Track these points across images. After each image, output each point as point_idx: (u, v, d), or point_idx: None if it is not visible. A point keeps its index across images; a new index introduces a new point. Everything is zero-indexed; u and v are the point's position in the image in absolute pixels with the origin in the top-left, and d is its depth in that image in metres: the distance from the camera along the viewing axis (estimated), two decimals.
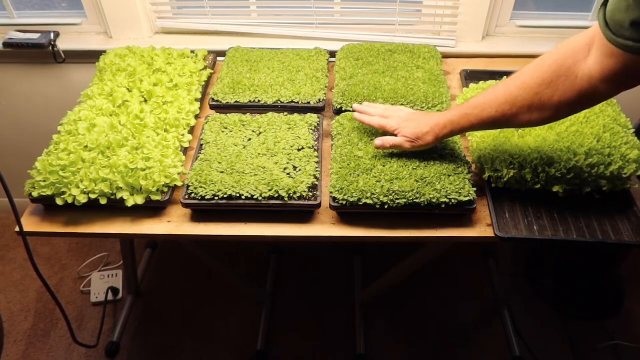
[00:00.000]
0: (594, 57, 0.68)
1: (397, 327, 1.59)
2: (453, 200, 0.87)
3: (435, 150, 0.96)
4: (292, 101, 1.11)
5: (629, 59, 0.62)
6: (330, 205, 0.89)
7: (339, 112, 1.11)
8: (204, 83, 1.21)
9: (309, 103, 1.11)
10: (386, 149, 0.95)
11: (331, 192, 0.90)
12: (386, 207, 0.87)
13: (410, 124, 0.91)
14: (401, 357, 1.51)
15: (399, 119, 0.94)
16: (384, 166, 0.93)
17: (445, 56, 1.34)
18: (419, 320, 1.60)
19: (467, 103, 0.84)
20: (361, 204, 0.87)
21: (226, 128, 1.05)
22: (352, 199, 0.87)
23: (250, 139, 1.02)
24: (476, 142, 1.00)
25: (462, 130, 0.86)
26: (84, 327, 1.60)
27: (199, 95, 1.15)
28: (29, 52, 1.38)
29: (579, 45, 0.70)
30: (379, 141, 0.93)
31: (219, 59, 1.34)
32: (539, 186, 0.90)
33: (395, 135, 0.92)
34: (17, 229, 0.88)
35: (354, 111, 1.02)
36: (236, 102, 1.12)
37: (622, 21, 0.60)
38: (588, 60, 0.69)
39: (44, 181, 0.89)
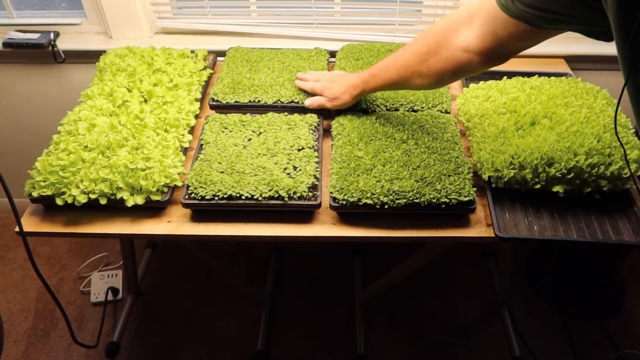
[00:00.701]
0: (475, 31, 0.76)
1: (397, 327, 1.59)
2: (453, 200, 0.87)
3: (436, 150, 0.96)
4: (292, 101, 1.11)
5: (519, 29, 0.70)
6: (330, 205, 0.89)
7: (339, 112, 1.11)
8: (203, 83, 1.21)
9: None
10: (314, 107, 1.07)
11: (331, 192, 0.90)
12: (386, 207, 0.87)
13: (332, 85, 1.04)
14: (401, 357, 1.51)
15: (326, 81, 1.06)
16: (384, 166, 0.93)
17: None
18: (419, 320, 1.60)
19: (377, 64, 0.95)
20: (361, 204, 0.87)
21: (226, 128, 1.05)
22: (352, 199, 0.87)
23: (250, 139, 1.02)
24: (476, 142, 1.00)
25: (373, 89, 0.98)
26: (84, 327, 1.60)
27: (199, 95, 1.15)
28: (28, 52, 1.38)
29: (460, 20, 0.79)
30: (308, 101, 1.07)
31: (219, 59, 1.34)
32: (539, 186, 0.90)
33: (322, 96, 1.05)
34: (17, 229, 0.88)
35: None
36: (236, 102, 1.12)
37: None
38: (468, 33, 0.77)
39: (44, 181, 0.89)
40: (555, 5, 0.62)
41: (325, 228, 0.90)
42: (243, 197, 0.89)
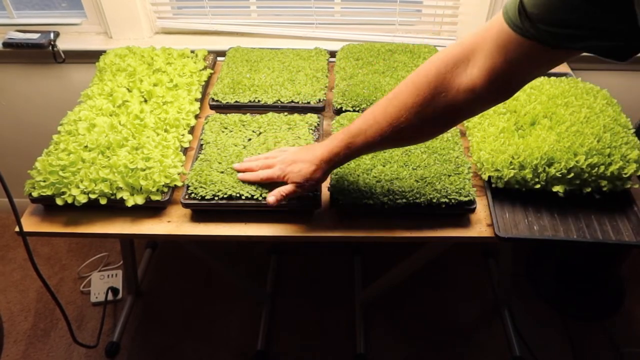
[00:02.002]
0: (479, 67, 0.63)
1: (397, 327, 1.59)
2: (453, 200, 0.87)
3: (435, 150, 0.96)
4: (292, 101, 1.11)
5: (532, 49, 0.58)
6: (330, 205, 0.89)
7: (339, 112, 1.11)
8: (203, 83, 1.21)
9: (308, 103, 1.11)
10: (282, 201, 0.86)
11: (331, 192, 0.90)
12: (386, 207, 0.87)
13: (295, 167, 0.84)
14: (401, 357, 1.51)
15: (283, 164, 0.86)
16: (384, 166, 0.93)
17: None
18: (419, 320, 1.60)
19: (348, 130, 0.77)
20: (361, 204, 0.87)
21: (226, 128, 1.05)
22: (352, 199, 0.87)
23: (250, 139, 1.02)
24: (476, 142, 1.00)
25: (348, 159, 0.80)
26: (84, 327, 1.60)
27: (199, 95, 1.15)
28: (28, 52, 1.38)
29: (458, 57, 0.65)
30: (271, 198, 0.84)
31: (219, 58, 1.34)
32: (539, 186, 0.90)
33: (286, 183, 0.85)
34: (17, 229, 0.88)
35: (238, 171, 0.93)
36: (236, 102, 1.12)
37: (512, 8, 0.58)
38: (469, 71, 0.64)
39: (44, 181, 0.89)
40: (571, 15, 0.53)
41: (325, 228, 0.90)
42: (243, 197, 0.89)
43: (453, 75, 0.66)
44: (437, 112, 0.68)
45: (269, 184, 0.89)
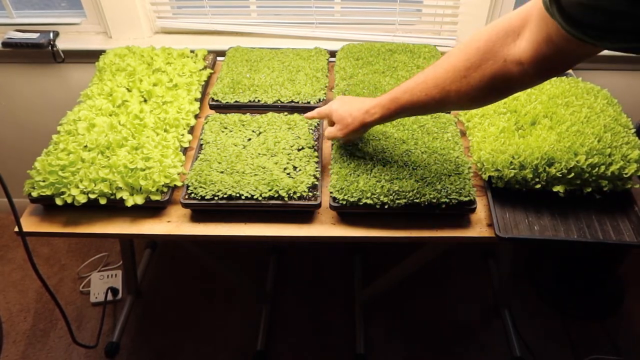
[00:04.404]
0: (527, 40, 0.63)
1: (397, 327, 1.59)
2: (453, 200, 0.87)
3: (436, 150, 0.96)
4: (292, 101, 1.11)
5: (571, 42, 0.57)
6: (330, 205, 0.89)
7: None
8: (203, 83, 1.20)
9: (309, 103, 1.11)
10: (331, 140, 0.96)
11: (331, 192, 0.89)
12: (386, 207, 0.87)
13: (341, 109, 0.89)
14: (401, 357, 1.51)
15: (334, 103, 0.92)
16: (384, 166, 0.92)
17: None
18: (419, 321, 1.60)
19: (399, 87, 0.80)
20: (361, 204, 0.87)
21: (226, 128, 1.05)
22: (352, 199, 0.87)
23: (250, 139, 1.02)
24: (476, 142, 1.00)
25: (393, 115, 0.82)
26: (84, 327, 1.60)
27: (199, 95, 1.15)
28: (28, 52, 1.38)
29: (509, 27, 0.65)
30: (326, 132, 0.94)
31: (218, 58, 1.34)
32: (539, 186, 0.90)
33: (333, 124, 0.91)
34: (17, 229, 0.88)
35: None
36: (236, 101, 1.12)
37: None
38: (519, 43, 0.64)
39: (44, 181, 0.89)
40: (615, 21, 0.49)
41: (325, 228, 0.90)
42: (243, 197, 0.89)
43: (503, 45, 0.66)
44: (485, 79, 0.68)
45: (269, 183, 0.89)
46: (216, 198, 0.89)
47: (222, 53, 1.32)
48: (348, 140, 0.96)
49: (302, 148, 0.99)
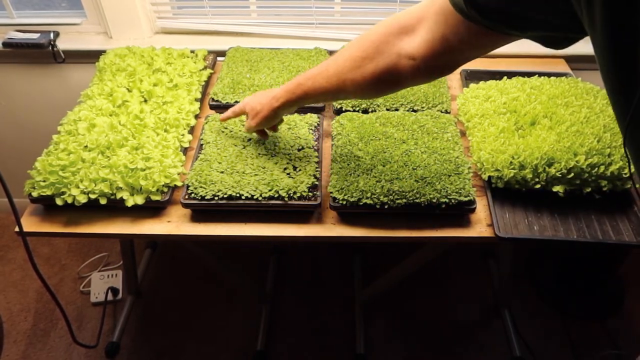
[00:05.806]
0: (422, 37, 0.65)
1: (397, 327, 1.59)
2: (453, 200, 0.87)
3: (435, 150, 0.96)
4: None
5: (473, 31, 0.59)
6: (330, 205, 0.89)
7: (339, 112, 1.11)
8: (203, 83, 1.21)
9: None
10: (250, 132, 0.98)
11: (331, 192, 0.90)
12: (386, 207, 0.87)
13: (252, 102, 0.92)
14: (401, 357, 1.51)
15: (247, 98, 0.95)
16: (384, 166, 0.93)
17: None
18: (419, 321, 1.60)
19: (305, 73, 0.83)
20: (361, 204, 0.87)
21: (226, 128, 1.05)
22: (352, 199, 0.87)
23: (250, 139, 1.02)
24: (476, 142, 1.00)
25: (298, 100, 0.84)
26: (84, 327, 1.60)
27: (199, 95, 1.15)
28: (28, 52, 1.38)
29: (406, 23, 0.68)
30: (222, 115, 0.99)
31: (218, 58, 1.34)
32: (539, 186, 0.90)
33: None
34: (17, 229, 0.88)
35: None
36: (236, 102, 1.12)
37: None
38: (413, 38, 0.67)
39: (44, 181, 0.89)
40: (516, 5, 0.53)
41: (325, 228, 0.90)
42: (243, 197, 0.89)
43: (397, 39, 0.68)
44: (377, 71, 0.71)
45: (269, 183, 0.90)
46: (216, 198, 0.89)
47: (222, 53, 1.32)
48: (261, 127, 0.96)
49: (302, 148, 0.99)
